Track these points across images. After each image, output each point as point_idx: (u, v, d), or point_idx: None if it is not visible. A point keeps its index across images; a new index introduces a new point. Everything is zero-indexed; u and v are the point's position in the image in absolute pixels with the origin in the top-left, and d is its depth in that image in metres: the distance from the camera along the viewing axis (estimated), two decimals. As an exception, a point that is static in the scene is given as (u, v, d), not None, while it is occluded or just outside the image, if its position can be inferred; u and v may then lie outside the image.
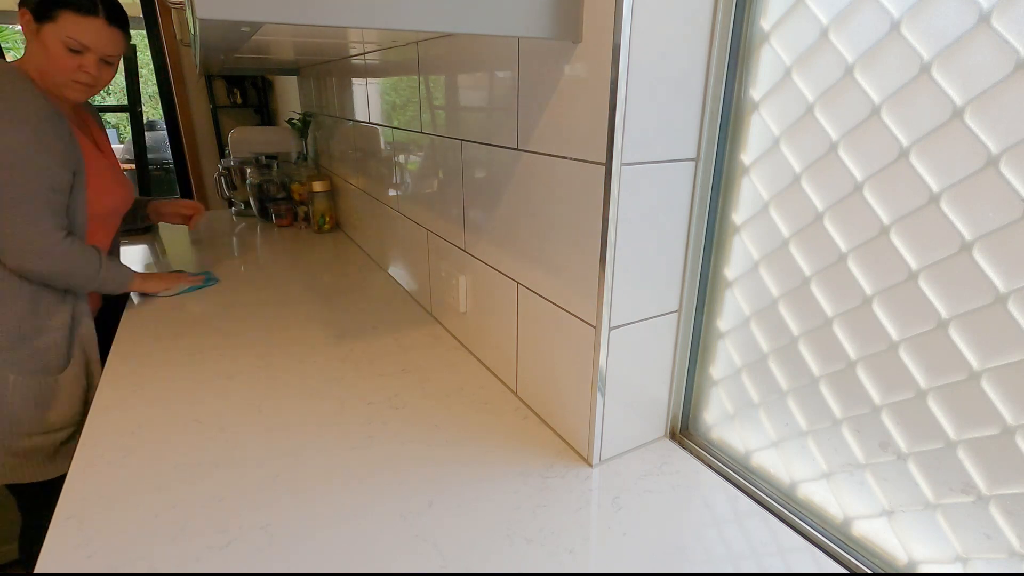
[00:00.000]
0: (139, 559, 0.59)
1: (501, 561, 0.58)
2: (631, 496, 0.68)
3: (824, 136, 0.56)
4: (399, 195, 1.29)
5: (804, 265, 0.61)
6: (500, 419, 0.83)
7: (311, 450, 0.76)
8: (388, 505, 0.66)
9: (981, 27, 0.44)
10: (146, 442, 0.78)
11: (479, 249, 0.93)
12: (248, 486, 0.69)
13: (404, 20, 0.51)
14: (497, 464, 0.73)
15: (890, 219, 0.52)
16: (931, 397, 0.51)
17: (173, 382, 0.94)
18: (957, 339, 0.48)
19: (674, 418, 0.79)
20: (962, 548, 0.52)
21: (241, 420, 0.83)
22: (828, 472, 0.62)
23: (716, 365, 0.74)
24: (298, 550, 0.60)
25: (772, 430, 0.68)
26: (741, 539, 0.62)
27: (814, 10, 0.55)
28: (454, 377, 0.96)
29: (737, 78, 0.63)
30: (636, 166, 0.62)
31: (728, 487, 0.70)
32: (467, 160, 0.91)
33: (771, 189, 0.63)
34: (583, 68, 0.61)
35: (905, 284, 0.52)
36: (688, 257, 0.71)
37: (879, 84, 0.51)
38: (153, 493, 0.68)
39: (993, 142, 0.44)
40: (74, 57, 0.99)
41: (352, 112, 1.53)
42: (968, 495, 0.50)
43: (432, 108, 1.02)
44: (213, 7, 0.44)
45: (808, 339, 0.62)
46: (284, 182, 2.05)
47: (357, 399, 0.89)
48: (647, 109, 0.60)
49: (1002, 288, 0.45)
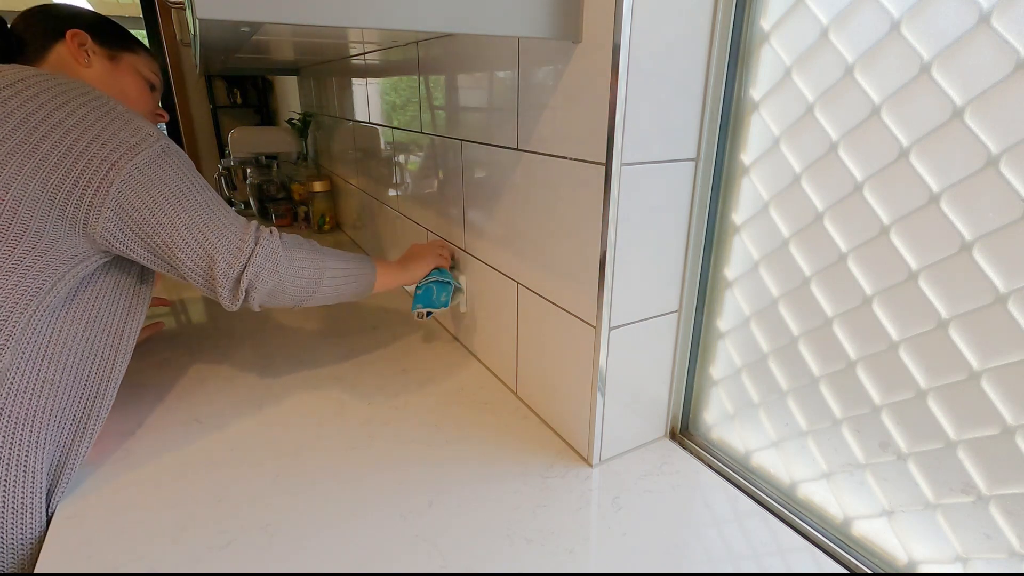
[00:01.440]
0: (139, 559, 0.59)
1: (501, 561, 0.58)
2: (631, 496, 0.68)
3: (824, 136, 0.56)
4: (399, 195, 1.29)
5: (804, 265, 0.61)
6: (500, 419, 0.83)
7: (311, 450, 0.76)
8: (388, 505, 0.66)
9: (981, 27, 0.44)
10: (146, 442, 0.78)
11: (479, 249, 0.93)
12: (248, 486, 0.69)
13: (404, 20, 0.51)
14: (497, 464, 0.73)
15: (890, 219, 0.52)
16: (931, 397, 0.51)
17: (171, 381, 0.94)
18: (957, 339, 0.48)
19: (674, 418, 0.79)
20: (962, 548, 0.52)
21: (241, 420, 0.83)
22: (828, 472, 0.62)
23: (716, 365, 0.74)
24: (298, 550, 0.60)
25: (772, 430, 0.68)
26: (741, 539, 0.62)
27: (814, 10, 0.55)
28: (454, 377, 0.96)
29: (737, 78, 0.63)
30: (636, 166, 0.62)
31: (728, 487, 0.70)
32: (467, 160, 0.91)
33: (771, 189, 0.63)
34: (583, 68, 0.61)
35: (905, 284, 0.52)
36: (688, 257, 0.71)
37: (879, 84, 0.51)
38: (153, 493, 0.68)
39: (993, 142, 0.44)
40: (152, 95, 0.91)
41: (352, 112, 1.53)
42: (968, 495, 0.50)
43: (432, 108, 1.02)
44: (213, 7, 0.44)
45: (808, 339, 0.62)
46: (284, 182, 2.05)
47: (357, 399, 0.89)
48: (647, 109, 0.60)
49: (1002, 288, 0.45)
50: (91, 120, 0.65)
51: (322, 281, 0.79)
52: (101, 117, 0.66)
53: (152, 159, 0.67)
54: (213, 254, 0.69)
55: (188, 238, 0.68)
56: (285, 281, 0.75)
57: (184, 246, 0.68)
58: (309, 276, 0.77)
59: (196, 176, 0.72)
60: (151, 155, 0.67)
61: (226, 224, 0.71)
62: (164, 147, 0.69)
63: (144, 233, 0.67)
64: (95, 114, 0.65)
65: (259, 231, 0.73)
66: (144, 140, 0.67)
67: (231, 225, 0.72)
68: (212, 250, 0.69)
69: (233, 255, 0.70)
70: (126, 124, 0.67)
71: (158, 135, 0.69)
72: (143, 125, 0.69)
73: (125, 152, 0.65)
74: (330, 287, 0.81)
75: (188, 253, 0.68)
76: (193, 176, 0.71)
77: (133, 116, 0.69)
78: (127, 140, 0.66)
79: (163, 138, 0.70)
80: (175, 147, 0.71)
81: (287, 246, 0.76)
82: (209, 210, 0.70)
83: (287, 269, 0.74)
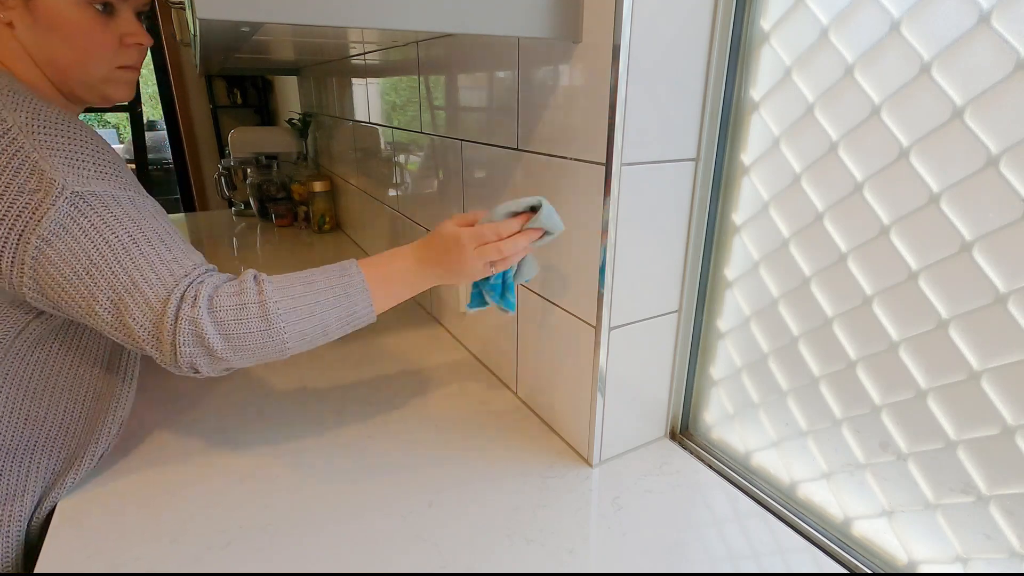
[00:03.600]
0: (139, 559, 0.59)
1: (501, 561, 0.58)
2: (631, 496, 0.68)
3: (824, 136, 0.56)
4: (399, 195, 1.29)
5: (804, 265, 0.61)
6: (500, 419, 0.83)
7: (311, 450, 0.76)
8: (388, 505, 0.66)
9: (981, 27, 0.44)
10: (146, 442, 0.77)
11: (479, 249, 0.93)
12: (248, 486, 0.69)
13: (404, 20, 0.51)
14: (497, 464, 0.73)
15: (890, 219, 0.52)
16: (931, 397, 0.51)
17: (171, 382, 0.94)
18: (957, 339, 0.48)
19: (674, 418, 0.79)
20: (962, 548, 0.52)
21: (241, 421, 0.83)
22: (828, 472, 0.62)
23: (716, 365, 0.74)
24: (298, 550, 0.60)
25: (772, 430, 0.68)
26: (741, 539, 0.62)
27: (814, 10, 0.55)
28: (454, 377, 0.96)
29: (737, 78, 0.63)
30: (636, 166, 0.62)
31: (728, 487, 0.70)
32: (467, 160, 0.91)
33: (771, 189, 0.63)
34: (583, 68, 0.61)
35: (905, 284, 0.52)
36: (688, 257, 0.71)
37: (879, 84, 0.51)
38: (153, 493, 0.68)
39: (993, 142, 0.44)
40: (106, 24, 0.59)
41: (352, 112, 1.53)
42: (968, 495, 0.50)
43: (432, 108, 1.02)
44: (213, 7, 0.44)
45: (808, 339, 0.62)
46: (284, 182, 2.05)
47: (357, 399, 0.89)
48: (647, 109, 0.60)
49: (1002, 288, 0.45)
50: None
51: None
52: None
53: (60, 222, 0.53)
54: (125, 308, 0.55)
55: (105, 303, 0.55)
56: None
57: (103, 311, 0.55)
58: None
59: (121, 220, 0.56)
60: (58, 217, 0.53)
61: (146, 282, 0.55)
62: (73, 196, 0.54)
63: (66, 309, 0.56)
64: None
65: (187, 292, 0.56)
66: (48, 190, 0.53)
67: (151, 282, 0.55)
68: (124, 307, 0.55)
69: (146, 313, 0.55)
70: (23, 163, 0.53)
71: (67, 171, 0.54)
72: (44, 158, 0.53)
73: (29, 218, 0.52)
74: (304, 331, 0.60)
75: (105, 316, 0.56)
76: (115, 224, 0.55)
77: (36, 142, 0.54)
78: (27, 196, 0.53)
79: (75, 175, 0.54)
80: (94, 186, 0.55)
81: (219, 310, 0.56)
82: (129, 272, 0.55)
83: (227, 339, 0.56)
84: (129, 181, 0.59)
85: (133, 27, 0.61)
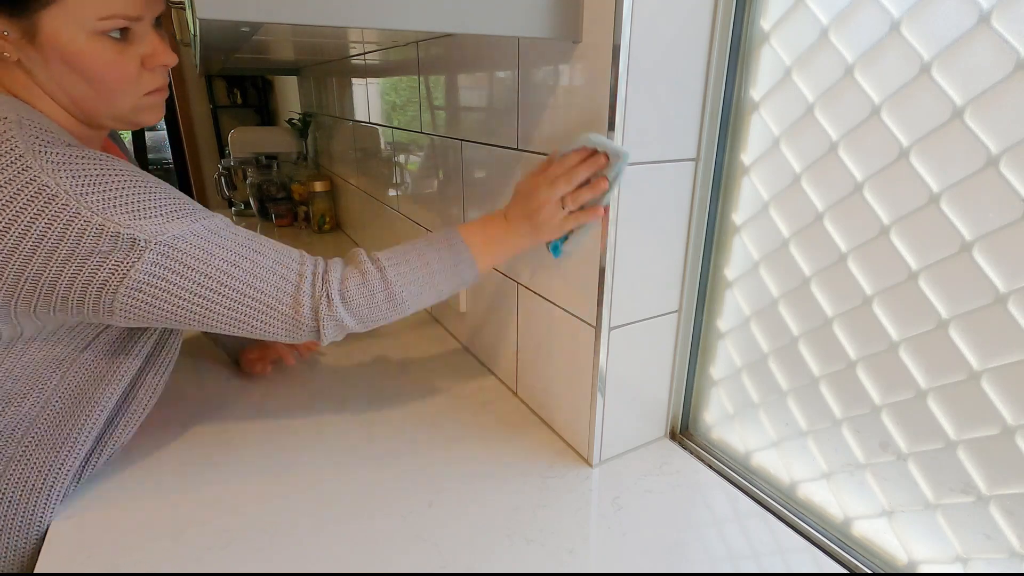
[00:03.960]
0: (139, 559, 0.59)
1: (501, 561, 0.58)
2: (631, 496, 0.68)
3: (824, 136, 0.56)
4: (399, 195, 1.29)
5: (804, 265, 0.61)
6: (500, 419, 0.83)
7: (311, 450, 0.76)
8: (388, 505, 0.66)
9: (981, 27, 0.44)
10: (146, 442, 0.77)
11: (479, 249, 0.93)
12: (248, 486, 0.69)
13: (404, 20, 0.51)
14: (497, 464, 0.73)
15: (890, 219, 0.52)
16: (931, 397, 0.51)
17: (170, 382, 0.93)
18: (957, 339, 0.48)
19: (674, 418, 0.79)
20: (962, 548, 0.52)
21: (241, 421, 0.83)
22: (828, 472, 0.62)
23: (716, 365, 0.74)
24: (298, 550, 0.60)
25: (772, 430, 0.68)
26: (741, 539, 0.62)
27: (814, 10, 0.55)
28: (454, 377, 0.96)
29: (737, 78, 0.63)
30: (636, 166, 0.62)
31: (728, 487, 0.70)
32: (467, 160, 0.91)
33: (771, 189, 0.63)
34: (583, 68, 0.61)
35: (905, 284, 0.52)
36: (688, 257, 0.71)
37: (879, 84, 0.51)
38: (153, 493, 0.68)
39: (993, 142, 0.44)
40: (123, 51, 0.54)
41: (352, 112, 1.53)
42: (968, 495, 0.50)
43: (432, 108, 1.02)
44: (213, 7, 0.44)
45: (808, 339, 0.62)
46: (284, 182, 2.05)
47: (357, 399, 0.89)
48: (647, 109, 0.60)
49: (1002, 288, 0.45)
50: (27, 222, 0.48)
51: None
52: (42, 210, 0.48)
53: (150, 271, 0.52)
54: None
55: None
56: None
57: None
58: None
59: (211, 252, 0.56)
60: (147, 267, 0.52)
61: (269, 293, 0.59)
62: (162, 245, 0.52)
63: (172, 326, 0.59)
64: (31, 207, 0.47)
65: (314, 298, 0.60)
66: (126, 247, 0.50)
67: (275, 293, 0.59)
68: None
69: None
70: (84, 228, 0.49)
71: (136, 223, 0.51)
72: (110, 219, 0.50)
73: (109, 276, 0.51)
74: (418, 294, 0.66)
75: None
76: (208, 258, 0.56)
77: (91, 202, 0.49)
78: (100, 257, 0.50)
79: (149, 225, 0.52)
80: (171, 230, 0.53)
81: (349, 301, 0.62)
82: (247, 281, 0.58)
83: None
84: (188, 208, 0.57)
85: (153, 45, 0.56)
